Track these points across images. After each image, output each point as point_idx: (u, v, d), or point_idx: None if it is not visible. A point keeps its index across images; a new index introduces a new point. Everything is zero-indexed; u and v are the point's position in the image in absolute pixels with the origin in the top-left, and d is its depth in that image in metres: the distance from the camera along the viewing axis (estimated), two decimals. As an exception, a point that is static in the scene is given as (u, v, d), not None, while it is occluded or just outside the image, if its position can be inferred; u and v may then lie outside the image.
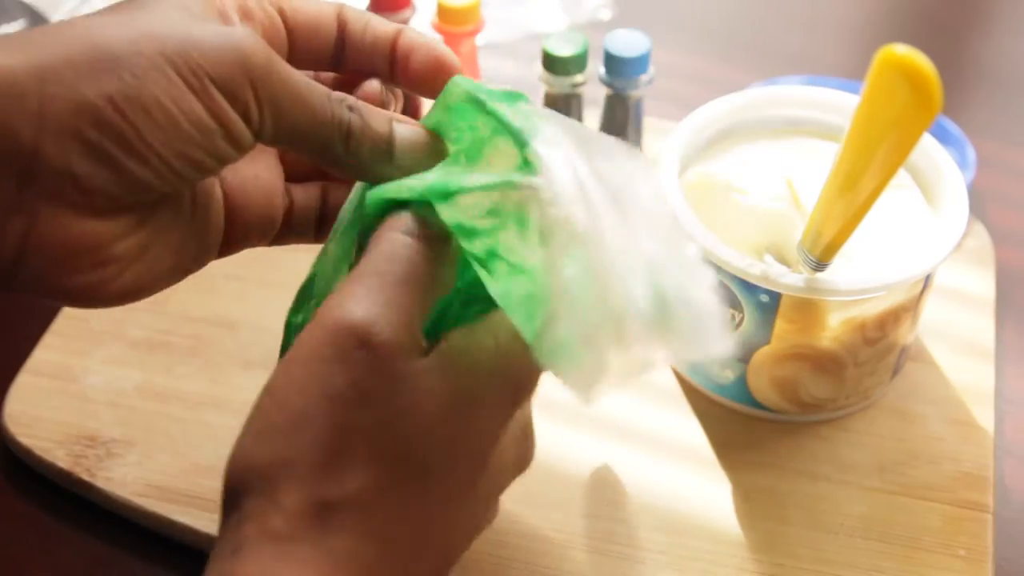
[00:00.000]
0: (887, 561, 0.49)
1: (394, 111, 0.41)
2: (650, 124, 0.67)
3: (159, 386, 0.56)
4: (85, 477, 0.52)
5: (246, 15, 0.38)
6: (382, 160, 0.38)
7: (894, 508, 0.51)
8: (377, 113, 0.38)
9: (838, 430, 0.54)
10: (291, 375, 0.35)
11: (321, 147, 0.37)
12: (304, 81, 0.36)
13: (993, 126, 0.73)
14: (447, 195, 0.36)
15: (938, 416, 0.55)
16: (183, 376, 0.56)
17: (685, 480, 0.52)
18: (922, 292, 0.52)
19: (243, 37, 0.35)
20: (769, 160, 0.55)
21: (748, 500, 0.52)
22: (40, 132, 0.32)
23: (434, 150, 0.38)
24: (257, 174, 0.41)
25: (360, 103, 0.38)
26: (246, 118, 0.35)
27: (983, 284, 0.61)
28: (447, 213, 0.35)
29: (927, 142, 0.54)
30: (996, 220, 0.66)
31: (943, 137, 0.65)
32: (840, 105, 0.56)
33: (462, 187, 0.36)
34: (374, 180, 0.38)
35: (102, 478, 0.52)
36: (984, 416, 0.55)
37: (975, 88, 0.77)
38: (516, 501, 0.51)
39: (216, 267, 0.61)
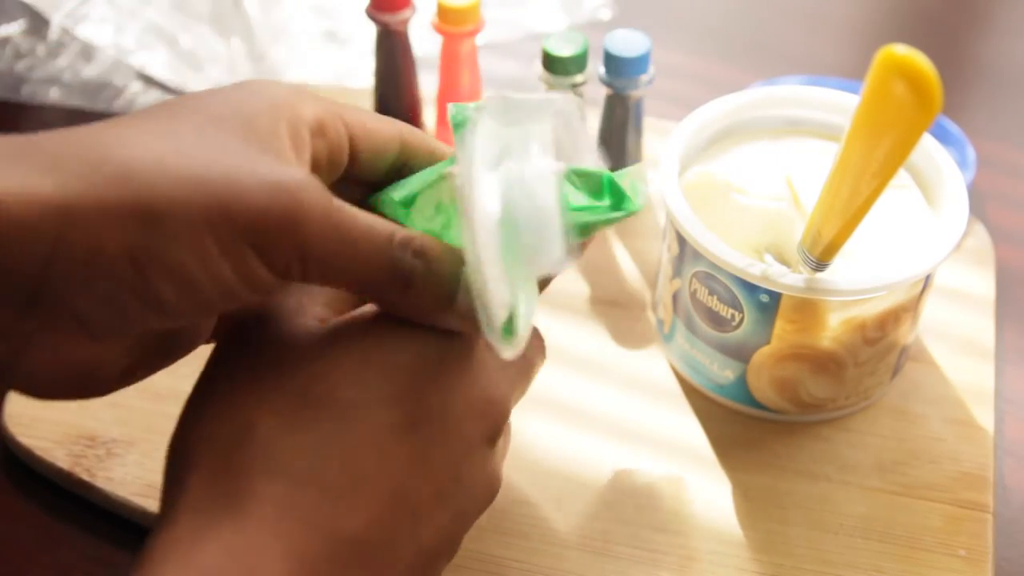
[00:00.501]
0: (887, 561, 0.49)
1: None
2: (650, 124, 0.67)
3: (159, 386, 0.56)
4: (85, 477, 0.52)
5: (319, 132, 0.35)
6: (440, 309, 0.36)
7: (894, 508, 0.51)
8: (447, 257, 0.35)
9: (838, 430, 0.54)
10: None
11: (373, 292, 0.35)
12: (364, 227, 0.34)
13: (993, 126, 0.73)
14: (409, 201, 0.36)
15: (938, 416, 0.55)
16: (183, 376, 0.56)
17: (685, 480, 0.52)
18: (922, 292, 0.52)
19: (300, 187, 0.32)
20: (769, 160, 0.55)
21: (748, 500, 0.52)
22: (48, 273, 0.30)
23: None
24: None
25: (428, 245, 0.35)
26: (283, 274, 0.33)
27: (983, 284, 0.61)
28: (416, 221, 0.36)
29: (927, 142, 0.54)
30: (996, 220, 0.66)
31: (943, 137, 0.65)
32: (840, 105, 0.56)
33: (412, 189, 0.37)
34: (430, 322, 0.36)
35: (102, 478, 0.52)
36: (984, 416, 0.55)
37: (975, 88, 0.77)
38: (515, 501, 0.51)
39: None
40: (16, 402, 0.54)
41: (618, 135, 0.62)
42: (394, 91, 0.65)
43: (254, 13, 0.76)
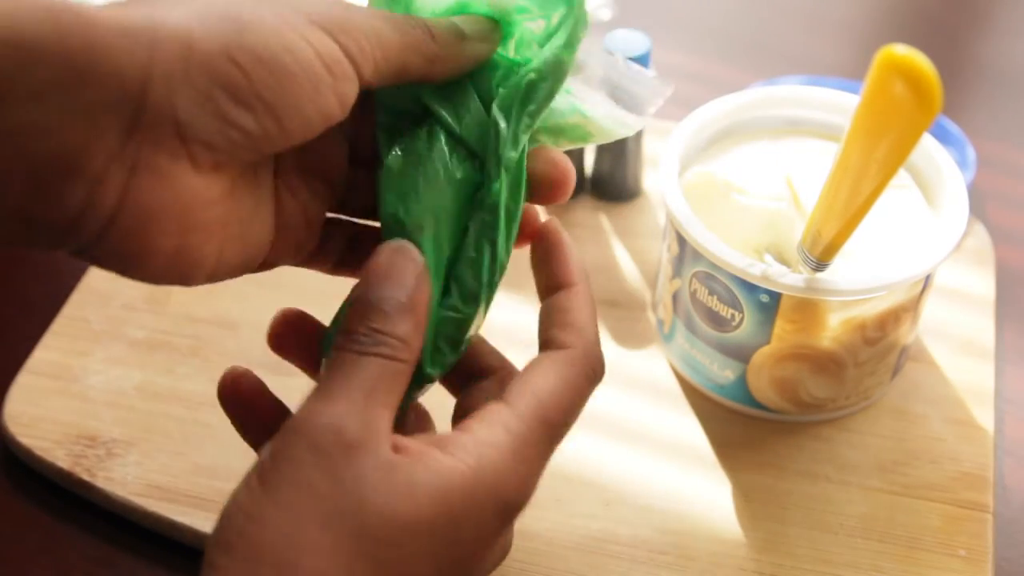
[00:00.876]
0: (887, 561, 0.49)
1: None
2: (650, 124, 0.67)
3: (159, 386, 0.56)
4: (85, 477, 0.52)
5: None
6: (458, 38, 0.38)
7: (894, 508, 0.51)
8: (447, 26, 0.38)
9: (838, 430, 0.54)
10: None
11: (417, 62, 0.37)
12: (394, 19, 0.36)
13: (993, 126, 0.73)
14: None
15: (938, 416, 0.55)
16: (183, 376, 0.56)
17: (685, 480, 0.52)
18: (922, 292, 0.52)
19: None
20: (769, 160, 0.55)
21: (748, 500, 0.52)
22: (148, 77, 0.31)
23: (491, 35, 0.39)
24: (306, 202, 0.41)
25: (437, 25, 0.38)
26: (355, 63, 0.35)
27: (983, 284, 0.61)
28: None
29: (927, 142, 0.54)
30: (996, 220, 0.66)
31: (943, 137, 0.65)
32: (840, 105, 0.56)
33: None
34: (459, 71, 0.38)
35: (102, 478, 0.52)
36: (984, 416, 0.55)
37: (975, 88, 0.77)
38: (516, 501, 0.51)
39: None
40: (16, 402, 0.54)
41: (618, 135, 0.62)
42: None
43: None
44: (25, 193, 0.30)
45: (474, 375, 0.41)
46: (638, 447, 0.54)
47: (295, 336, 0.42)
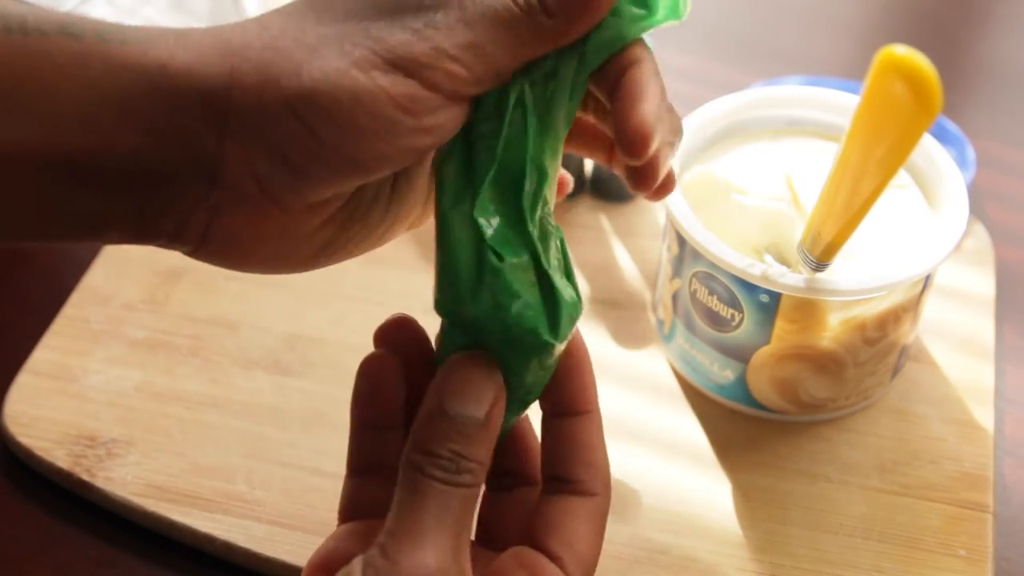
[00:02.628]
0: (887, 561, 0.49)
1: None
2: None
3: (159, 386, 0.56)
4: (85, 477, 0.52)
5: None
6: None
7: (894, 508, 0.51)
8: None
9: (838, 430, 0.54)
10: None
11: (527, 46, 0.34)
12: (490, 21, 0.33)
13: (993, 126, 0.73)
14: None
15: (938, 416, 0.55)
16: (183, 376, 0.56)
17: (685, 480, 0.52)
18: (922, 292, 0.52)
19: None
20: (769, 160, 0.55)
21: (748, 500, 0.52)
22: (223, 138, 0.32)
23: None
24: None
25: None
26: (445, 92, 0.33)
27: (983, 284, 0.61)
28: None
29: (927, 142, 0.54)
30: (996, 220, 0.66)
31: (943, 137, 0.65)
32: (840, 105, 0.56)
33: None
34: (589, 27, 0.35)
35: (102, 478, 0.52)
36: (984, 416, 0.55)
37: (975, 88, 0.77)
38: (516, 501, 0.51)
39: (216, 267, 0.61)
40: (16, 402, 0.54)
41: (618, 135, 0.62)
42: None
43: (253, 12, 0.76)
44: (129, 218, 0.33)
45: (566, 410, 0.40)
46: (638, 447, 0.54)
47: (400, 337, 0.40)
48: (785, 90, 0.57)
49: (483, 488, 0.37)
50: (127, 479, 0.52)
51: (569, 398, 0.39)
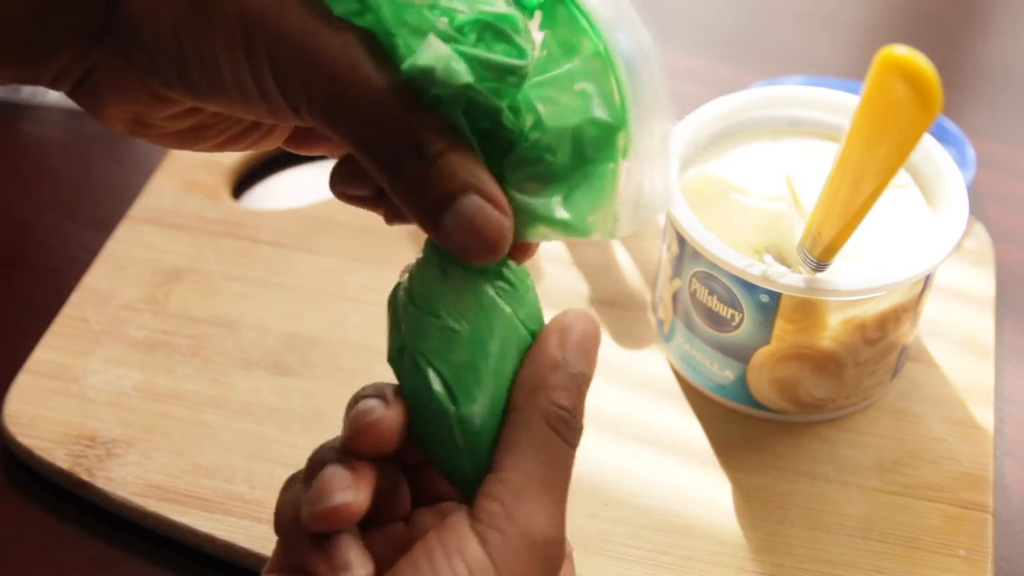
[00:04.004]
0: (887, 561, 0.49)
1: None
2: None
3: (159, 386, 0.56)
4: (85, 477, 0.52)
5: None
6: (425, 217, 0.33)
7: (894, 508, 0.51)
8: (453, 175, 0.32)
9: (838, 430, 0.54)
10: None
11: (371, 167, 0.33)
12: (375, 102, 0.32)
13: (993, 126, 0.73)
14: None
15: (938, 416, 0.55)
16: (183, 376, 0.56)
17: (685, 480, 0.52)
18: (922, 292, 0.52)
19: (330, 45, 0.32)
20: (769, 160, 0.55)
21: (748, 500, 0.52)
22: (113, 15, 0.34)
23: (491, 246, 0.33)
24: None
25: (444, 154, 0.33)
26: (295, 110, 0.33)
27: (983, 284, 0.61)
28: None
29: (927, 142, 0.54)
30: (996, 220, 0.66)
31: (943, 137, 0.65)
32: (840, 105, 0.56)
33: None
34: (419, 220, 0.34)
35: (102, 478, 0.52)
36: (984, 416, 0.55)
37: (975, 88, 0.77)
38: (516, 501, 0.51)
39: (216, 267, 0.61)
40: (16, 402, 0.54)
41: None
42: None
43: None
44: (14, 64, 0.35)
45: None
46: (638, 447, 0.54)
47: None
48: (785, 90, 0.57)
49: None
50: (127, 479, 0.52)
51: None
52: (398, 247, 0.62)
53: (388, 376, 0.36)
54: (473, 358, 0.34)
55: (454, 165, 0.32)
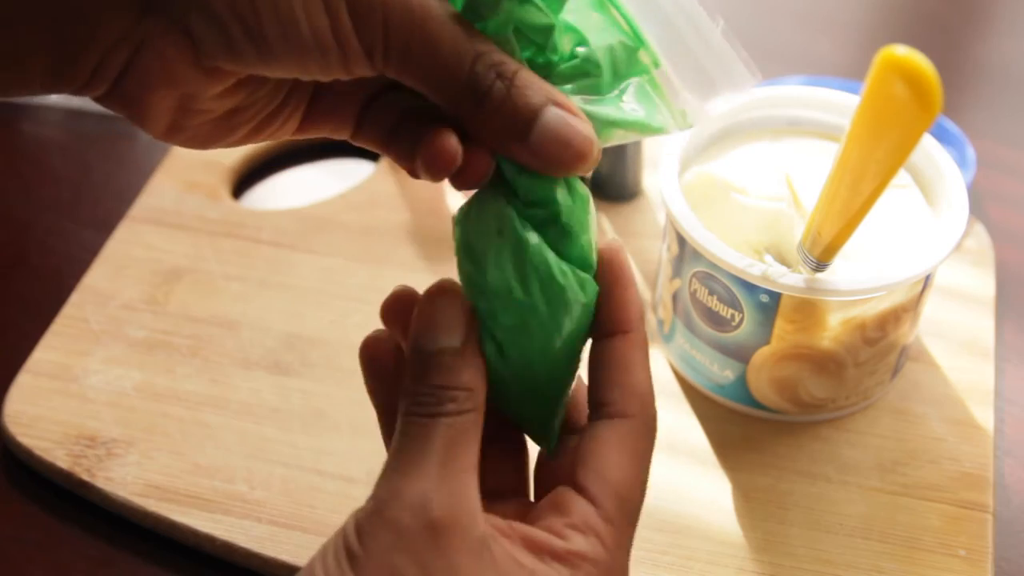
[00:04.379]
0: (887, 561, 0.49)
1: None
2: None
3: (159, 386, 0.56)
4: (85, 477, 0.52)
5: None
6: (512, 138, 0.34)
7: (894, 508, 0.51)
8: (533, 90, 0.34)
9: (838, 430, 0.54)
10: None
11: (448, 103, 0.34)
12: (450, 34, 0.33)
13: (993, 126, 0.73)
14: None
15: (938, 416, 0.55)
16: (183, 376, 0.56)
17: (685, 480, 0.52)
18: (922, 292, 0.52)
19: None
20: (769, 160, 0.55)
21: (748, 500, 0.52)
22: None
23: (581, 152, 0.34)
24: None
25: (519, 72, 0.34)
26: (369, 54, 0.33)
27: (983, 284, 0.61)
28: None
29: (927, 142, 0.54)
30: (996, 220, 0.66)
31: (943, 137, 0.65)
32: (840, 105, 0.56)
33: None
34: (501, 153, 0.35)
35: (102, 478, 0.52)
36: (984, 416, 0.55)
37: (975, 88, 0.77)
38: (516, 501, 0.51)
39: (216, 267, 0.61)
40: (16, 402, 0.54)
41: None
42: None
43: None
44: (52, 53, 0.33)
45: (610, 330, 0.38)
46: (638, 447, 0.54)
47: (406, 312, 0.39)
48: (785, 90, 0.57)
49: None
50: (127, 479, 0.52)
51: (607, 318, 0.37)
52: (398, 247, 0.62)
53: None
54: (525, 320, 0.35)
55: (531, 82, 0.34)
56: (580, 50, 0.36)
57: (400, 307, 0.38)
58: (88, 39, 0.33)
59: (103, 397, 0.55)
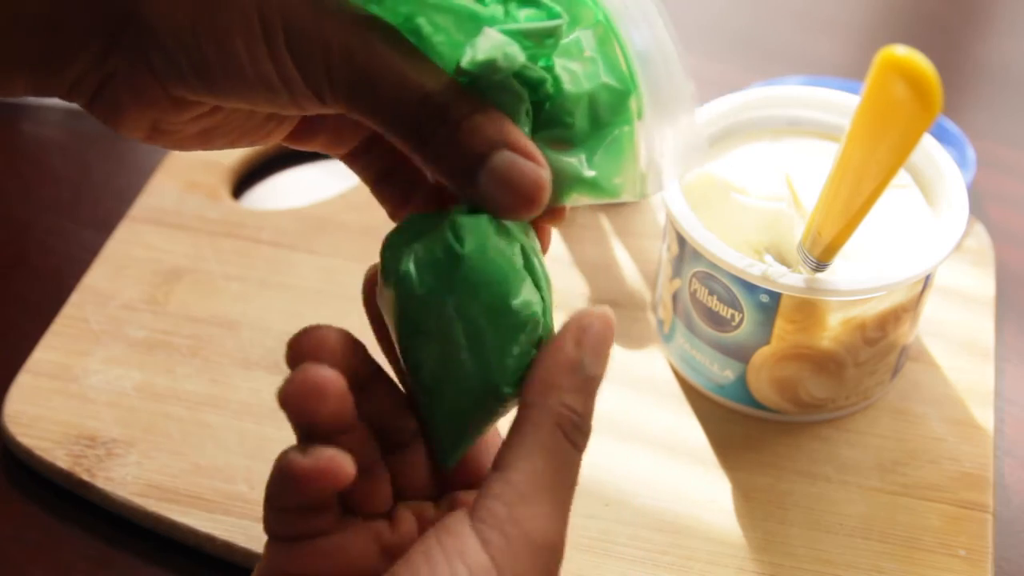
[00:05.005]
0: (887, 561, 0.49)
1: None
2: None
3: (159, 386, 0.56)
4: (85, 477, 0.52)
5: None
6: (460, 180, 0.34)
7: (894, 508, 0.51)
8: (480, 135, 0.33)
9: (838, 430, 0.54)
10: None
11: (399, 142, 0.34)
12: (393, 77, 0.33)
13: (993, 126, 0.73)
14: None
15: (938, 416, 0.55)
16: (183, 376, 0.56)
17: (685, 480, 0.52)
18: (922, 292, 0.52)
19: (344, 23, 0.33)
20: (769, 160, 0.55)
21: (748, 500, 0.52)
22: (128, 22, 0.34)
23: (530, 197, 0.33)
24: None
25: (467, 117, 0.33)
26: (318, 95, 0.34)
27: (983, 284, 0.61)
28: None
29: (927, 142, 0.54)
30: (996, 220, 0.66)
31: (943, 137, 0.65)
32: (840, 105, 0.56)
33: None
34: (455, 193, 0.34)
35: (102, 478, 0.52)
36: (984, 416, 0.55)
37: (975, 88, 0.77)
38: (516, 501, 0.51)
39: (216, 267, 0.61)
40: (16, 402, 0.54)
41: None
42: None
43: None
44: (32, 72, 0.35)
45: None
46: (638, 447, 0.54)
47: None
48: (785, 90, 0.57)
49: None
50: (127, 479, 0.52)
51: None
52: (398, 247, 0.62)
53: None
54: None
55: (481, 125, 0.33)
56: (555, 100, 0.35)
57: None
58: (62, 66, 0.35)
59: (103, 397, 0.55)
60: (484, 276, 0.33)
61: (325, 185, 0.67)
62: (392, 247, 0.35)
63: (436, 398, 0.35)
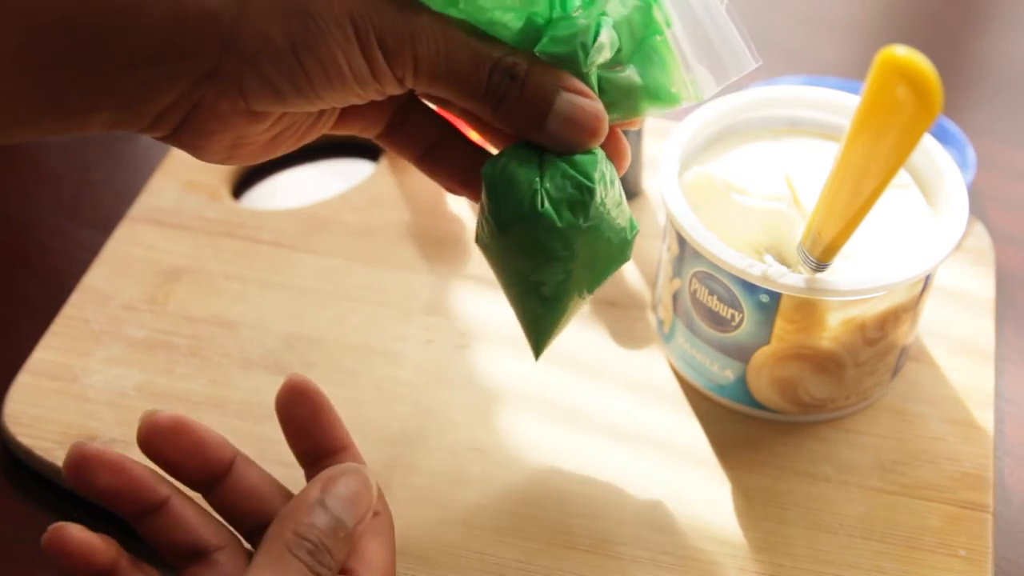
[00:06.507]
0: (887, 561, 0.49)
1: None
2: (650, 124, 0.67)
3: (159, 386, 0.56)
4: (85, 477, 0.52)
5: None
6: (531, 128, 0.40)
7: (894, 508, 0.51)
8: (543, 84, 0.39)
9: (838, 430, 0.54)
10: None
11: (474, 107, 0.40)
12: (469, 53, 0.39)
13: (993, 126, 0.73)
14: None
15: (938, 416, 0.55)
16: (183, 376, 0.56)
17: (685, 480, 0.52)
18: (922, 292, 0.52)
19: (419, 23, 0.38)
20: (769, 160, 0.55)
21: (748, 500, 0.52)
22: (225, 52, 0.37)
23: (592, 129, 0.40)
24: None
25: (530, 70, 0.39)
26: (401, 81, 0.39)
27: (983, 284, 0.61)
28: None
29: (927, 142, 0.54)
30: (996, 220, 0.66)
31: (943, 137, 0.65)
32: (840, 105, 0.56)
33: None
34: (524, 139, 0.40)
35: (102, 478, 0.52)
36: (984, 416, 0.55)
37: (975, 88, 0.77)
38: (515, 501, 0.51)
39: (216, 267, 0.61)
40: (16, 402, 0.54)
41: (618, 135, 0.62)
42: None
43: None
44: (115, 111, 0.38)
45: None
46: (638, 447, 0.54)
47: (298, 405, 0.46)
48: (785, 90, 0.57)
49: None
50: (127, 479, 0.52)
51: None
52: (398, 247, 0.62)
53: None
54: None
55: (541, 76, 0.39)
56: (603, 38, 0.39)
57: (291, 398, 0.45)
58: (148, 100, 0.38)
59: (103, 397, 0.55)
60: (607, 203, 0.40)
61: (325, 185, 0.67)
62: (500, 199, 0.40)
63: (552, 307, 0.42)
